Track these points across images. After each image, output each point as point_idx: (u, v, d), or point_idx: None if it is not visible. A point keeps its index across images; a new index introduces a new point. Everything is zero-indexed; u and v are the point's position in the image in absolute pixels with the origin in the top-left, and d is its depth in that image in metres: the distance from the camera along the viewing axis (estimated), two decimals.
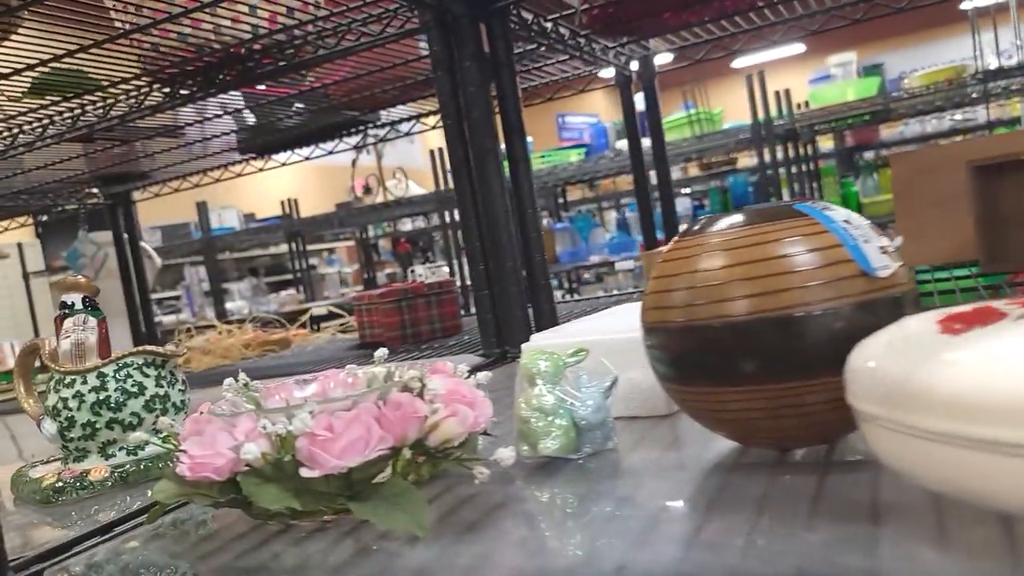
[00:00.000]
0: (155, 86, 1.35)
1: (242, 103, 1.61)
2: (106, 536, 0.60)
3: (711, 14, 1.41)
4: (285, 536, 0.53)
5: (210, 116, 1.59)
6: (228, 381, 0.61)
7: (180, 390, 0.76)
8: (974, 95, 3.12)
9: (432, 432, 0.52)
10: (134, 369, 0.73)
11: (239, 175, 2.14)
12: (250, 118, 1.71)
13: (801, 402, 0.49)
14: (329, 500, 0.51)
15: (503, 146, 1.15)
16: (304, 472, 0.49)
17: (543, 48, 1.44)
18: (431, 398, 0.53)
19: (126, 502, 0.67)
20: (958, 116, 3.98)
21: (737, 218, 0.52)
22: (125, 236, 2.16)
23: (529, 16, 1.24)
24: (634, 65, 1.69)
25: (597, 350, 0.67)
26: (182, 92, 1.35)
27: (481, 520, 0.50)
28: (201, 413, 0.57)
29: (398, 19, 1.17)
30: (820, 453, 0.51)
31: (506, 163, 1.15)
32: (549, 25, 1.30)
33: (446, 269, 3.64)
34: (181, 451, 0.53)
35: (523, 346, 0.73)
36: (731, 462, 0.53)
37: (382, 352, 0.64)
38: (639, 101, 1.76)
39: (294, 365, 1.41)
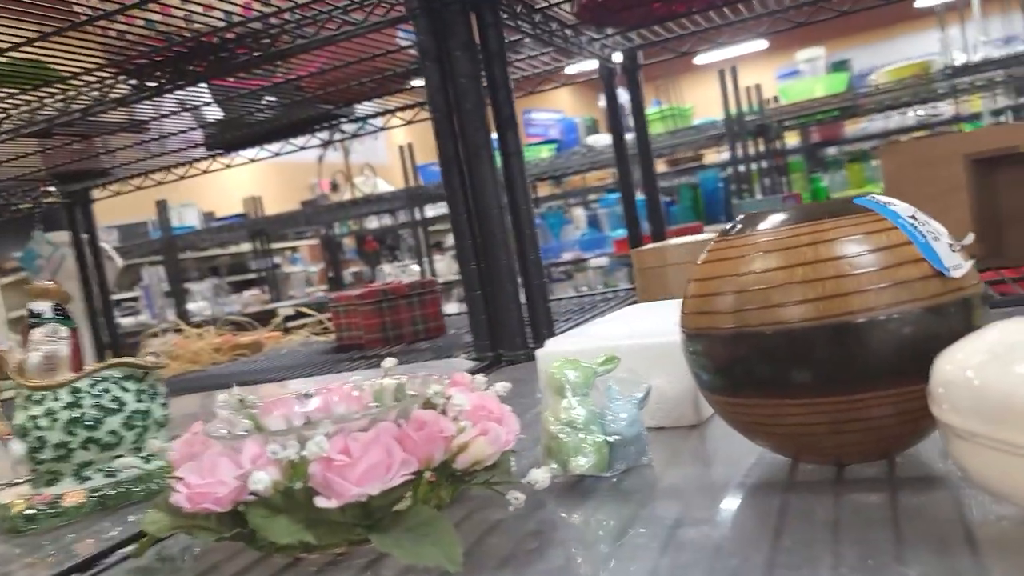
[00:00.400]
0: (120, 78, 1.27)
1: (210, 97, 1.54)
2: (87, 572, 0.53)
3: (699, 5, 1.37)
4: (293, 570, 0.48)
5: (176, 111, 1.51)
6: (222, 397, 0.55)
7: (162, 404, 0.70)
8: (941, 91, 3.15)
9: (460, 453, 0.47)
10: (112, 383, 0.66)
11: (204, 172, 2.05)
12: (218, 113, 1.63)
13: (865, 415, 0.45)
14: (346, 531, 0.46)
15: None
16: (320, 502, 0.43)
17: (528, 39, 1.39)
18: (456, 415, 0.48)
19: (107, 531, 0.61)
20: (921, 112, 4.02)
21: (789, 215, 0.48)
22: (85, 236, 2.06)
23: (519, 5, 1.19)
24: (617, 57, 1.65)
25: (622, 356, 0.62)
26: (149, 84, 1.27)
27: (516, 552, 0.45)
28: (194, 434, 0.51)
29: (382, 6, 1.11)
30: (880, 469, 0.48)
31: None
32: (538, 16, 1.25)
33: (416, 268, 3.57)
34: (176, 478, 0.47)
35: (539, 353, 0.68)
36: (785, 479, 0.49)
37: (390, 361, 0.59)
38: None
39: (270, 370, 1.35)
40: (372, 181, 3.38)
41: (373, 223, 5.02)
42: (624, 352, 0.64)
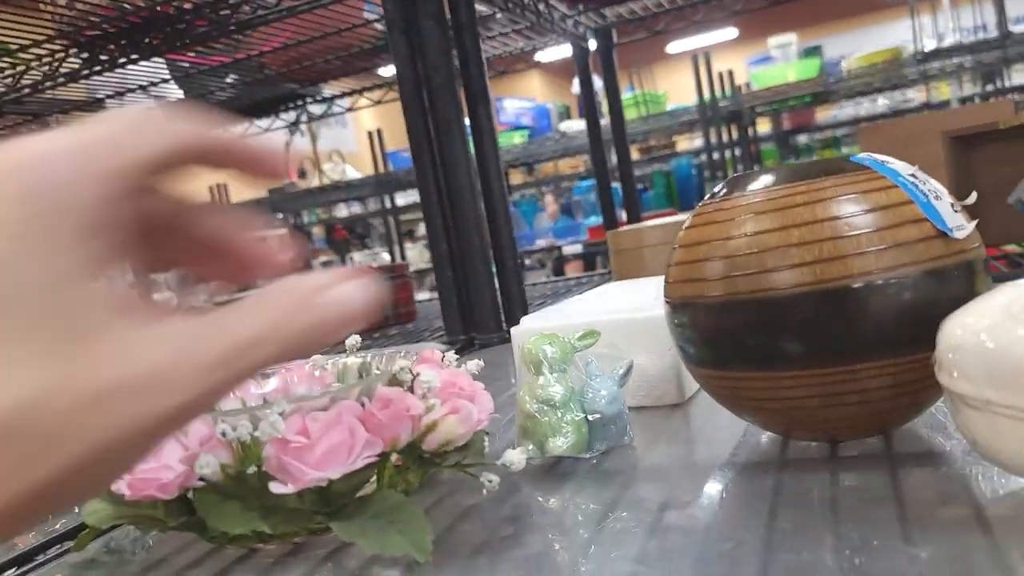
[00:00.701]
0: (72, 51, 1.21)
1: (168, 74, 1.48)
2: (24, 567, 0.49)
3: None
4: (249, 562, 0.44)
5: (133, 88, 1.44)
6: None
7: None
8: (911, 76, 3.16)
9: (429, 433, 0.43)
10: None
11: None
12: (177, 91, 1.57)
13: (861, 388, 0.42)
14: (305, 519, 0.42)
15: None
16: (275, 487, 0.40)
17: (499, 14, 1.35)
18: (424, 392, 0.44)
19: (47, 522, 0.56)
20: (897, 96, 4.04)
21: (780, 174, 0.45)
22: None
23: None
24: (592, 45, 1.61)
25: (601, 331, 0.59)
26: (102, 58, 1.21)
27: (491, 539, 0.41)
28: None
29: None
30: (876, 445, 0.45)
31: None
32: None
33: (387, 256, 3.51)
34: None
35: (514, 331, 0.64)
36: (776, 458, 0.46)
37: (354, 339, 0.55)
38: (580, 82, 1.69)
39: None
40: (341, 168, 3.31)
41: (343, 211, 4.95)
42: (603, 328, 0.61)
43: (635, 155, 4.72)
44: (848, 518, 0.36)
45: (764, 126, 4.32)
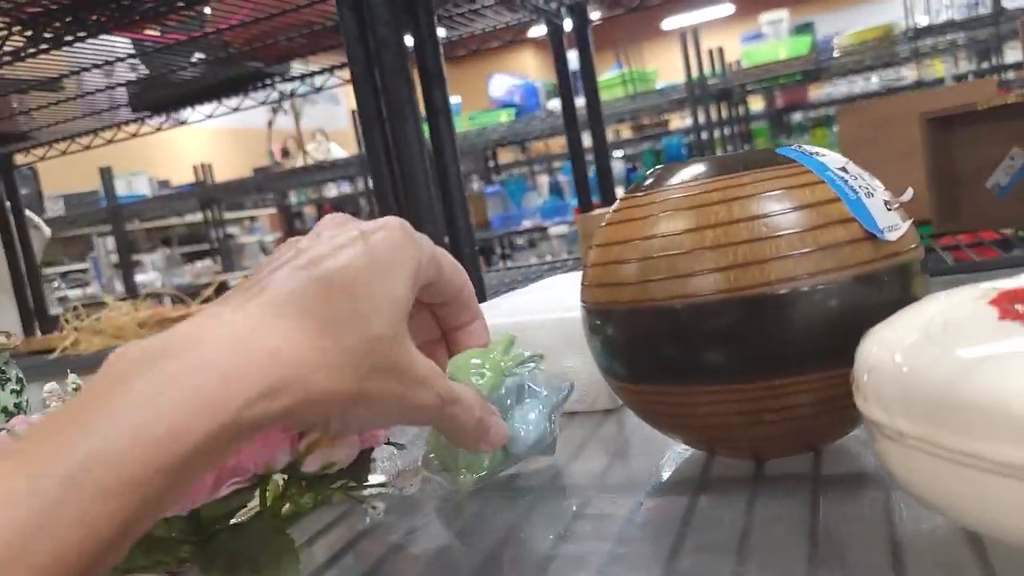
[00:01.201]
0: (15, 28, 1.16)
1: (127, 52, 1.42)
2: None
3: None
4: None
5: (87, 67, 1.39)
6: (50, 386, 0.47)
7: (14, 391, 0.61)
8: (903, 54, 3.10)
9: (308, 454, 0.39)
10: None
11: (134, 136, 1.93)
12: (139, 69, 1.52)
13: (786, 404, 0.38)
14: (172, 548, 0.38)
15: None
16: None
17: None
18: None
19: None
20: (891, 74, 3.98)
21: (702, 167, 0.41)
22: (8, 204, 1.94)
23: None
24: (568, 25, 1.56)
25: (528, 332, 0.55)
26: (47, 35, 1.16)
27: (372, 572, 0.38)
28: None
29: None
30: (804, 463, 0.41)
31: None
32: None
33: None
34: None
35: None
36: (697, 476, 0.42)
37: None
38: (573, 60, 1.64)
39: None
40: (325, 147, 3.26)
41: (332, 191, 4.90)
42: (532, 328, 0.57)
43: (628, 133, 4.66)
44: (754, 556, 0.33)
45: (757, 104, 4.26)
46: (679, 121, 4.33)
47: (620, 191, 1.72)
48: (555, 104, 3.39)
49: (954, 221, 1.11)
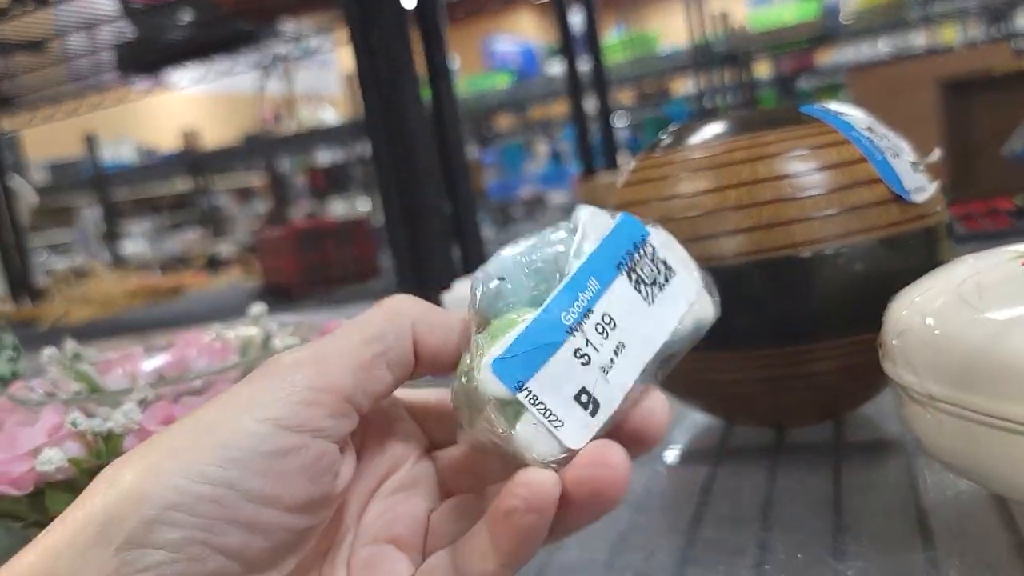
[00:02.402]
0: None
1: (117, 11, 1.39)
2: None
3: None
4: None
5: (73, 29, 1.36)
6: (49, 352, 0.46)
7: (11, 359, 0.60)
8: (914, 19, 3.05)
9: None
10: None
11: (120, 102, 1.89)
12: (125, 36, 1.48)
13: (809, 370, 0.37)
14: None
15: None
16: None
17: None
18: None
19: None
20: (900, 40, 3.92)
21: (724, 126, 0.39)
22: None
23: None
24: None
25: None
26: None
27: None
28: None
29: None
30: (825, 432, 0.40)
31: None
32: None
33: (367, 204, 3.43)
34: None
35: (446, 298, 0.59)
36: (716, 446, 0.41)
37: (259, 308, 0.50)
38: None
39: (184, 316, 1.24)
40: (318, 112, 3.21)
41: (327, 158, 4.84)
42: None
43: (628, 101, 4.60)
44: (777, 524, 0.32)
45: (764, 70, 4.20)
46: (682, 87, 4.27)
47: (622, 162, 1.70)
48: (555, 68, 3.35)
49: (969, 187, 1.10)
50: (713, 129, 0.39)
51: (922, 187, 0.37)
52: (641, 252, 0.21)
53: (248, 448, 0.18)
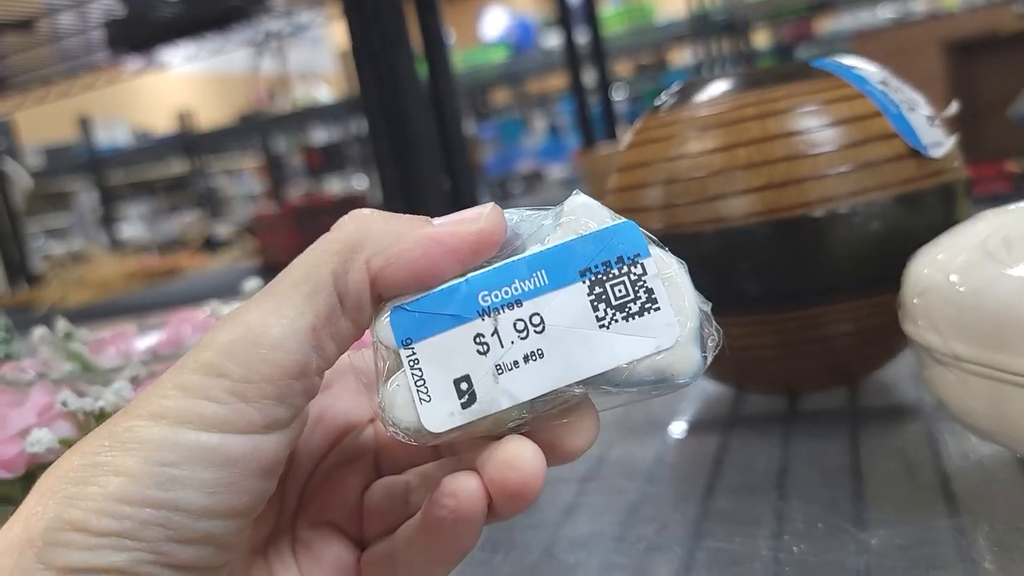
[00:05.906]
0: None
1: None
2: None
3: None
4: None
5: (61, 7, 1.33)
6: (40, 331, 0.45)
7: (3, 340, 0.59)
8: None
9: None
10: None
11: (113, 82, 1.86)
12: (114, 14, 1.46)
13: (823, 334, 0.36)
14: None
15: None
16: None
17: None
18: None
19: None
20: (900, 6, 3.87)
21: (732, 82, 0.38)
22: None
23: None
24: None
25: None
26: None
27: None
28: None
29: None
30: (839, 398, 0.39)
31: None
32: None
33: (364, 182, 3.41)
34: None
35: None
36: (726, 414, 0.40)
37: (254, 283, 0.48)
38: None
39: (181, 296, 1.23)
40: (312, 91, 3.18)
41: (323, 137, 4.81)
42: None
43: (626, 72, 4.55)
44: (795, 494, 0.31)
45: (762, 40, 4.16)
46: (679, 59, 4.23)
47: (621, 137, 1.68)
48: (552, 41, 3.30)
49: (976, 150, 1.08)
50: (721, 86, 0.38)
51: (939, 142, 0.35)
52: (622, 269, 0.18)
53: (191, 462, 0.16)
